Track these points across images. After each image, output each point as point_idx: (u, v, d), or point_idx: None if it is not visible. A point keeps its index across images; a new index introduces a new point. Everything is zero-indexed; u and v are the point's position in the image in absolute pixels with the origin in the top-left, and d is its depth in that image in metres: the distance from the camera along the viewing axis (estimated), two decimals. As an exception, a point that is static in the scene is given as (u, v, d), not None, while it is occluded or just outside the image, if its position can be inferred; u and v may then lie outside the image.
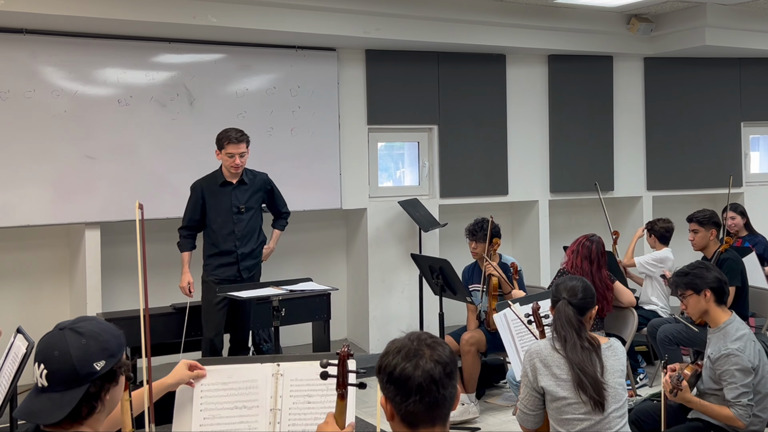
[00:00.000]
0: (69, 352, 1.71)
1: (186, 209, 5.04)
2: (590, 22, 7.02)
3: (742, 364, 3.41)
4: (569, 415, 3.07)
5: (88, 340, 1.75)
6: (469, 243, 5.45)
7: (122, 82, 5.65)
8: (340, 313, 6.78)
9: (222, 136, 4.91)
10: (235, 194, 4.97)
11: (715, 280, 3.59)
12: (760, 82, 8.05)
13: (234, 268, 4.96)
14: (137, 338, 4.92)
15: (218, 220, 4.93)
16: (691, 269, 3.66)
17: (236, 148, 4.86)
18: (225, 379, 2.71)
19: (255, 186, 5.07)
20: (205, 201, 4.96)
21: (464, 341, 5.15)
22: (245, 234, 4.98)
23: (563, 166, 7.40)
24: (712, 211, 5.34)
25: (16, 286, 5.76)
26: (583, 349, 3.11)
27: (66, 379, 1.70)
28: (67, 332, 1.75)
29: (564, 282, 3.31)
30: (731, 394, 3.40)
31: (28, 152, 5.36)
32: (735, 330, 3.54)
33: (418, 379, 1.81)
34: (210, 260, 4.99)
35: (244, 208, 4.96)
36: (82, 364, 1.71)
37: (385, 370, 1.86)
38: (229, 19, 5.55)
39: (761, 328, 5.46)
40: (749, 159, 8.23)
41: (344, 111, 6.52)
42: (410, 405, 1.82)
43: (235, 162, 4.87)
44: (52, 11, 5.03)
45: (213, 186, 4.97)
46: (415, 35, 6.30)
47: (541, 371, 3.12)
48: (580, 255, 5.03)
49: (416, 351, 1.85)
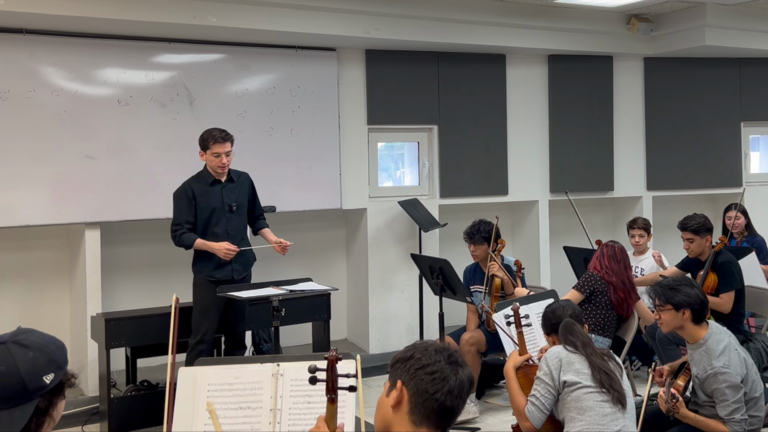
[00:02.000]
0: (16, 365, 1.61)
1: (177, 213, 4.81)
2: (590, 22, 7.02)
3: (731, 380, 3.41)
4: (590, 402, 3.20)
5: (35, 352, 1.64)
6: (468, 246, 5.45)
7: (122, 82, 5.65)
8: (340, 313, 6.78)
9: (206, 137, 4.78)
10: (226, 192, 4.87)
11: (697, 300, 3.55)
12: (760, 82, 8.05)
13: (228, 269, 4.83)
14: (138, 338, 4.98)
15: (211, 219, 4.81)
16: (676, 284, 3.60)
17: (222, 147, 4.75)
18: (231, 380, 2.71)
19: (242, 184, 4.98)
20: (196, 202, 4.81)
21: (464, 341, 5.15)
22: (237, 233, 4.90)
23: (563, 166, 7.40)
24: (704, 218, 5.23)
25: (16, 286, 5.76)
26: (596, 354, 3.36)
27: (14, 395, 1.60)
28: (11, 345, 1.64)
29: (553, 307, 3.67)
30: (724, 412, 3.41)
31: (28, 152, 5.36)
32: (716, 344, 3.52)
33: (453, 383, 1.89)
34: (202, 261, 4.84)
35: (235, 206, 4.88)
36: (31, 378, 1.62)
37: (420, 360, 1.91)
38: (229, 19, 5.55)
39: (761, 328, 5.46)
40: (749, 159, 8.22)
41: (344, 111, 6.52)
42: (433, 401, 1.86)
43: (222, 161, 4.76)
44: (52, 11, 5.03)
45: (203, 186, 4.84)
46: (415, 35, 6.30)
47: (565, 367, 3.29)
48: (606, 256, 5.03)
49: (457, 361, 1.94)
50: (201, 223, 4.81)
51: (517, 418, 3.47)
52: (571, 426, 3.21)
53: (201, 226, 4.81)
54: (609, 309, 4.96)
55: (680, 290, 3.56)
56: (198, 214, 4.80)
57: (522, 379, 3.61)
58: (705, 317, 3.62)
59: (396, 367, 1.94)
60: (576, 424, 3.19)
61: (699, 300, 3.56)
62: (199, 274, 4.85)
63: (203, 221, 4.80)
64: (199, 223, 4.81)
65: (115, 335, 4.86)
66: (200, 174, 4.90)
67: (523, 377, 3.62)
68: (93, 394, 5.38)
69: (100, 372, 5.07)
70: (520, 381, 3.60)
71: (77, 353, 5.59)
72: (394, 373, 1.94)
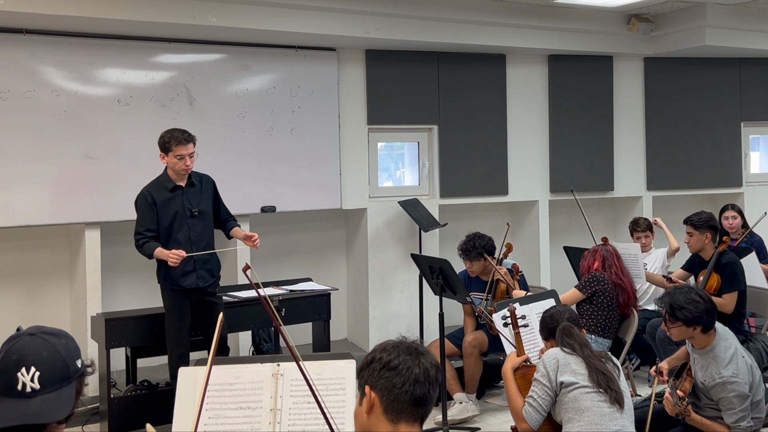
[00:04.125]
0: (58, 350, 1.75)
1: (139, 221, 4.66)
2: (590, 22, 7.02)
3: (739, 390, 3.42)
4: (588, 402, 3.20)
5: (66, 339, 1.79)
6: (464, 262, 5.42)
7: (122, 82, 5.65)
8: (340, 313, 6.78)
9: (168, 139, 4.57)
10: (187, 197, 4.69)
11: (707, 314, 3.55)
12: (760, 82, 8.05)
13: (193, 276, 4.66)
14: (138, 338, 4.98)
15: (173, 226, 4.64)
16: (686, 303, 3.56)
17: (185, 149, 4.57)
18: (232, 380, 2.71)
19: (204, 188, 4.80)
20: (157, 208, 4.64)
21: (467, 343, 5.16)
22: (201, 238, 4.70)
23: (563, 166, 7.40)
24: (709, 215, 5.24)
25: (16, 286, 5.76)
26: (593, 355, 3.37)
27: (60, 377, 1.74)
28: (43, 335, 1.77)
29: (551, 312, 3.68)
30: (731, 419, 3.42)
31: (28, 152, 5.36)
32: (724, 351, 3.53)
33: (417, 372, 1.92)
34: (169, 270, 4.60)
35: (197, 211, 4.69)
36: (71, 362, 1.77)
37: (381, 360, 1.95)
38: (229, 19, 5.55)
39: (761, 328, 5.46)
40: (749, 159, 8.22)
41: (344, 111, 6.52)
42: (402, 393, 1.89)
43: (186, 164, 4.59)
44: (52, 11, 5.02)
45: (162, 192, 4.64)
46: (415, 35, 6.30)
47: (562, 368, 3.29)
48: (614, 256, 5.08)
49: (416, 350, 1.97)
50: (163, 231, 4.64)
51: (515, 420, 3.47)
52: (569, 426, 3.22)
53: (164, 233, 4.64)
54: (611, 310, 4.95)
55: (690, 309, 3.54)
56: (159, 221, 4.63)
57: (520, 380, 3.61)
58: (714, 326, 3.61)
59: (361, 374, 1.98)
60: (574, 425, 3.19)
61: (709, 313, 3.56)
62: (165, 283, 4.70)
63: (165, 228, 4.64)
64: (162, 230, 4.64)
65: (115, 335, 4.86)
66: (159, 179, 4.72)
67: (521, 378, 3.62)
68: (93, 394, 5.37)
69: (100, 372, 5.07)
70: (518, 382, 3.60)
71: (77, 353, 5.58)
72: (361, 380, 1.97)
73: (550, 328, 3.59)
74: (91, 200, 5.55)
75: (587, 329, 4.80)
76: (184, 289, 4.66)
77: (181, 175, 4.66)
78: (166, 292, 4.72)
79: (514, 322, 3.93)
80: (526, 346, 4.02)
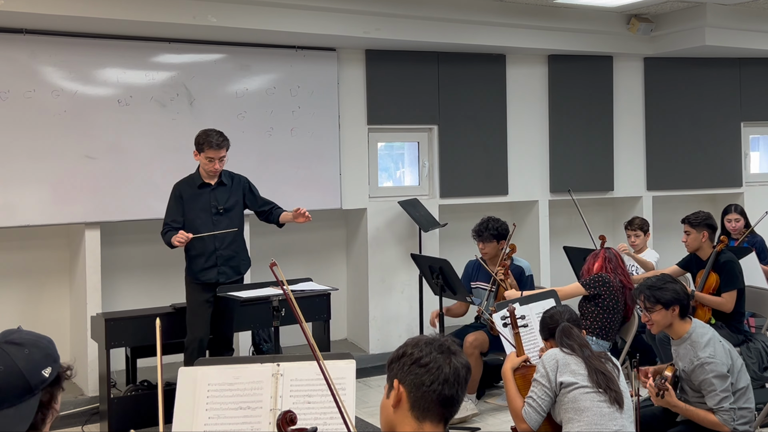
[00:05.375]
0: (15, 363, 1.65)
1: (167, 212, 4.87)
2: (590, 22, 7.02)
3: (717, 370, 3.47)
4: (587, 402, 3.20)
5: (30, 348, 1.69)
6: (477, 244, 5.42)
7: (122, 82, 5.65)
8: (340, 313, 6.78)
9: (203, 141, 4.76)
10: (214, 195, 4.86)
11: (683, 294, 3.64)
12: (760, 82, 8.05)
13: (214, 271, 4.82)
14: (138, 338, 4.97)
15: (197, 221, 4.80)
16: (661, 283, 3.66)
17: (216, 153, 4.74)
18: (232, 380, 2.71)
19: (234, 187, 4.95)
20: (183, 202, 4.83)
21: (468, 344, 5.15)
22: (225, 235, 4.84)
23: (563, 166, 7.40)
24: (707, 214, 5.25)
25: (16, 286, 5.76)
26: (593, 355, 3.37)
27: (19, 392, 1.65)
28: (5, 346, 1.68)
29: (551, 312, 3.69)
30: (712, 402, 3.46)
31: (28, 152, 5.36)
32: (700, 336, 3.59)
33: (447, 371, 1.89)
34: (192, 262, 4.85)
35: (223, 208, 4.84)
36: (31, 374, 1.66)
37: (413, 356, 1.92)
38: (229, 19, 5.55)
39: (761, 328, 5.46)
40: (749, 159, 8.23)
41: (344, 111, 6.52)
42: (430, 392, 1.87)
43: (214, 166, 4.77)
44: (52, 11, 5.03)
45: (191, 188, 4.85)
46: (415, 35, 6.30)
47: (561, 368, 3.30)
48: (617, 257, 5.08)
49: (448, 348, 1.94)
50: (188, 224, 4.81)
51: (514, 420, 3.47)
52: (569, 427, 3.22)
53: (188, 226, 4.80)
54: (614, 313, 4.92)
55: (666, 288, 3.63)
56: (185, 214, 4.83)
57: (519, 381, 3.61)
58: (689, 311, 3.69)
59: (391, 367, 1.96)
60: (574, 425, 3.19)
61: (684, 294, 3.65)
62: (188, 275, 4.90)
63: (190, 222, 4.81)
64: (187, 223, 4.81)
65: (115, 335, 4.87)
66: (192, 175, 4.93)
67: (520, 378, 3.62)
68: (93, 394, 5.38)
69: (100, 372, 5.07)
70: (517, 382, 3.60)
71: (77, 353, 5.59)
72: (390, 373, 1.95)
73: (550, 329, 3.60)
74: (91, 200, 5.55)
75: (588, 330, 4.79)
76: (204, 283, 4.81)
77: (211, 175, 4.85)
78: (188, 284, 4.91)
79: (514, 322, 3.93)
80: (525, 346, 4.01)
